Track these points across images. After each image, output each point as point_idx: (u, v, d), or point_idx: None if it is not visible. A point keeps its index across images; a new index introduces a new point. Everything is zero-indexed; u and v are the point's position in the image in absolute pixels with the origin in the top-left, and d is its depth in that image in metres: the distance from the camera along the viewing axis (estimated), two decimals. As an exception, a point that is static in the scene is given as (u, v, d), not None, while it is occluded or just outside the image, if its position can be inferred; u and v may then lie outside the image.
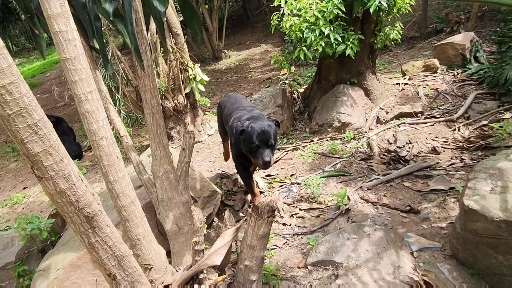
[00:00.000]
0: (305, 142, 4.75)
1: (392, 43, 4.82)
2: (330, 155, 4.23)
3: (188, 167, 2.74)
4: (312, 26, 4.15)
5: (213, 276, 2.20)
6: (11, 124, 1.32)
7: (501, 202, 2.01)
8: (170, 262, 2.76)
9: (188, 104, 5.97)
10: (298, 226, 3.27)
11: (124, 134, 2.60)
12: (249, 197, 3.86)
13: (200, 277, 2.25)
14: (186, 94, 5.83)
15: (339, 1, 3.99)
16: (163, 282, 2.39)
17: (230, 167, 4.82)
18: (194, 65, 5.45)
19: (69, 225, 1.66)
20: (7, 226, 4.68)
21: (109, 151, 2.04)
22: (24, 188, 6.07)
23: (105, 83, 3.41)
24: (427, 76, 5.17)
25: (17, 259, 3.34)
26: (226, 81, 9.36)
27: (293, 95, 5.72)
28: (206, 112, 6.95)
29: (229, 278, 2.49)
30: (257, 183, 4.06)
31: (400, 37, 4.72)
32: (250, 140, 2.85)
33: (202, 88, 5.75)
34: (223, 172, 4.62)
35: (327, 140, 4.59)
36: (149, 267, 2.36)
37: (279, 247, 3.05)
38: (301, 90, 5.97)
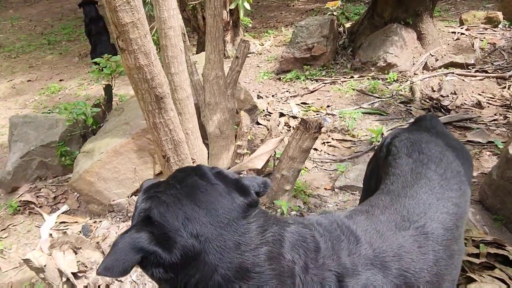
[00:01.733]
0: (345, 77, 4.70)
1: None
2: (369, 94, 4.21)
3: (238, 76, 2.79)
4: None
5: (252, 178, 2.36)
6: (108, -12, 1.36)
7: (547, 155, 2.04)
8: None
9: (231, 22, 5.85)
10: (328, 154, 3.38)
11: (183, 32, 2.62)
12: (283, 119, 3.94)
13: (240, 177, 2.43)
14: (230, 10, 5.68)
15: None
16: (203, 177, 2.58)
17: (264, 90, 4.86)
18: (244, -21, 5.22)
19: (139, 102, 1.77)
20: (49, 110, 4.94)
21: (175, 43, 2.09)
22: (61, 80, 6.25)
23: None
24: (486, 29, 4.89)
25: (61, 140, 3.57)
26: (266, 6, 9.01)
27: (339, 28, 5.53)
28: (245, 34, 6.81)
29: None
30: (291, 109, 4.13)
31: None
32: None
33: (247, 6, 5.55)
34: (259, 93, 4.68)
35: (368, 78, 4.53)
36: (192, 161, 2.53)
37: (309, 169, 3.20)
38: (348, 25, 5.74)
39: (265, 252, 0.88)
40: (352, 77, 4.67)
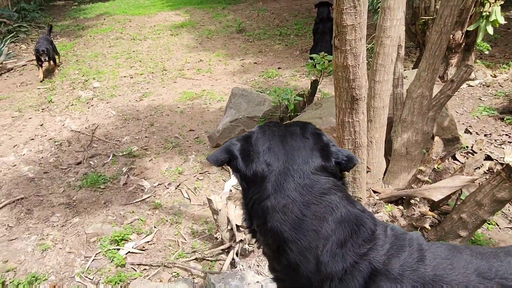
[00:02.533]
0: None
1: None
2: None
3: (446, 101, 2.58)
4: None
5: (424, 208, 2.19)
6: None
7: None
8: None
9: (463, 44, 5.30)
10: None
11: (400, 44, 2.59)
12: (488, 164, 3.40)
13: (410, 201, 2.29)
14: (466, 31, 5.15)
15: None
16: (371, 188, 2.55)
17: (477, 126, 4.26)
18: (495, 1, 4.62)
19: (335, 99, 1.90)
20: (262, 90, 5.72)
21: (388, 52, 2.11)
22: (279, 68, 7.05)
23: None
24: None
25: (263, 116, 4.10)
26: (519, 35, 7.66)
27: None
28: (477, 60, 6.04)
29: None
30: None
31: None
32: None
33: (490, 31, 4.90)
34: (469, 127, 4.15)
35: None
36: (367, 170, 2.52)
37: (499, 227, 2.70)
38: None
39: (313, 209, 0.98)
40: None
